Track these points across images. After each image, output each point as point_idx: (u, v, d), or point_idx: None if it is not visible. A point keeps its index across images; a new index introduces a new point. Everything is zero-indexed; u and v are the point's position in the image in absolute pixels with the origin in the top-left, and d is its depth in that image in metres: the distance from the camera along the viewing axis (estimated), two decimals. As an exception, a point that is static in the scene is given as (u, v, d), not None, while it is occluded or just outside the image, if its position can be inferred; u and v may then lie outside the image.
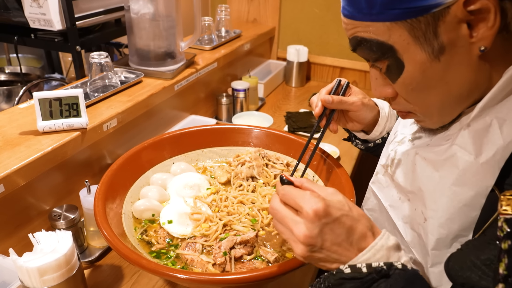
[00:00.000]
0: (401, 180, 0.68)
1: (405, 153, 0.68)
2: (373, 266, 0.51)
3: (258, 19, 2.08)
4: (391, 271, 0.51)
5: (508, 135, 0.50)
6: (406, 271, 0.52)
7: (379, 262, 0.52)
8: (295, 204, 0.54)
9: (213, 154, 1.06)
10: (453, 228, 0.56)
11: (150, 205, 0.86)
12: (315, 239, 0.52)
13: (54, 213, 0.89)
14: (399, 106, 0.62)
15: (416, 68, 0.54)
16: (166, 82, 1.26)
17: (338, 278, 0.52)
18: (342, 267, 0.52)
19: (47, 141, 0.90)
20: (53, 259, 0.68)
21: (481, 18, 0.48)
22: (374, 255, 0.52)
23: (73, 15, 1.19)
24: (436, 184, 0.59)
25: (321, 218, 0.52)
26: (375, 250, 0.53)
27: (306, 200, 0.53)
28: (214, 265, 0.73)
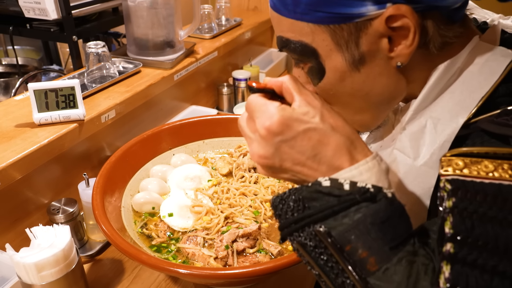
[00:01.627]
0: None
1: None
2: (358, 186, 0.43)
3: (258, 6, 2.04)
4: (378, 197, 0.43)
5: (443, 134, 0.50)
6: (395, 201, 0.44)
7: (366, 182, 0.44)
8: (252, 117, 0.48)
9: (214, 145, 1.03)
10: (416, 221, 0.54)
11: (150, 198, 0.84)
12: (271, 159, 0.47)
13: (53, 207, 0.87)
14: None
15: (336, 75, 0.53)
16: (165, 72, 1.23)
17: (313, 190, 0.44)
18: (320, 179, 0.45)
19: (44, 133, 0.87)
20: (51, 254, 0.67)
21: (402, 34, 0.48)
22: (360, 174, 0.44)
23: (68, 4, 1.16)
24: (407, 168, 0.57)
25: (275, 135, 0.45)
26: (364, 169, 0.45)
27: (261, 113, 0.46)
28: (216, 259, 0.72)
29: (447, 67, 0.51)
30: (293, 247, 0.46)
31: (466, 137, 0.49)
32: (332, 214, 0.43)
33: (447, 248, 0.40)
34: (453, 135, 0.49)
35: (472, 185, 0.42)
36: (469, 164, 0.43)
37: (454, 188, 0.42)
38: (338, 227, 0.43)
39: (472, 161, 0.43)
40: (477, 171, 0.42)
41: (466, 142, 0.48)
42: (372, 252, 0.42)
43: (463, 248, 0.39)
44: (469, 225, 0.40)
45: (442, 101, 0.52)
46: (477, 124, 0.48)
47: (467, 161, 0.43)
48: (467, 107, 0.49)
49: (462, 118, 0.49)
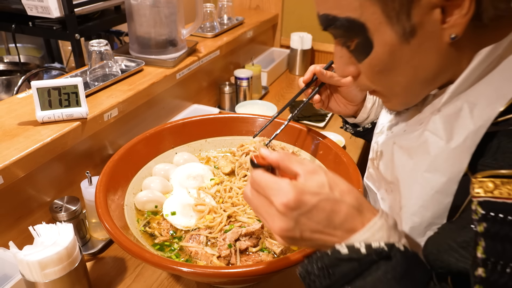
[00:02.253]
0: (384, 172, 0.67)
1: (385, 144, 0.68)
2: (373, 247, 0.47)
3: (261, 5, 2.04)
4: (392, 252, 0.47)
5: (479, 119, 0.49)
6: (408, 253, 0.48)
7: (379, 242, 0.48)
8: (265, 195, 0.50)
9: (217, 144, 1.03)
10: (426, 215, 0.55)
11: (153, 196, 0.84)
12: (292, 231, 0.48)
13: (55, 205, 0.87)
14: (361, 85, 0.61)
15: (385, 49, 0.52)
16: (167, 71, 1.23)
17: (334, 258, 0.48)
18: (338, 247, 0.48)
19: (47, 131, 0.87)
20: (54, 252, 0.67)
21: (456, 4, 0.47)
22: (373, 235, 0.48)
23: (71, 2, 1.16)
24: (410, 171, 0.58)
25: (293, 210, 0.48)
26: (374, 229, 0.49)
27: (276, 191, 0.48)
28: (219, 257, 0.72)
29: (489, 53, 0.50)
30: None
31: (493, 135, 0.49)
32: (356, 276, 0.48)
33: (479, 272, 0.42)
34: (489, 121, 0.49)
35: (504, 206, 0.43)
36: (499, 185, 0.44)
37: (486, 212, 0.43)
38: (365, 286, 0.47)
39: (503, 182, 0.44)
40: (508, 192, 0.43)
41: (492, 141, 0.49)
42: None
43: (494, 272, 0.42)
44: (500, 249, 0.42)
45: (480, 86, 0.52)
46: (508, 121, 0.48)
47: (497, 182, 0.44)
48: (504, 95, 0.49)
49: (500, 105, 0.48)
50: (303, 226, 0.49)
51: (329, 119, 1.50)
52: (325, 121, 1.47)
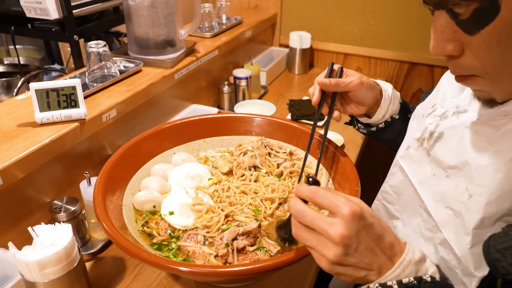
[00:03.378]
0: (441, 154, 0.64)
1: (451, 127, 0.64)
2: (404, 283, 0.51)
3: (259, 5, 2.04)
4: (421, 285, 0.51)
5: None
6: (436, 282, 0.52)
7: (409, 277, 0.52)
8: (329, 204, 0.52)
9: (215, 144, 1.04)
10: (503, 207, 0.53)
11: (151, 196, 0.85)
12: (352, 239, 0.50)
13: (55, 205, 0.88)
14: (461, 68, 0.53)
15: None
16: (166, 71, 1.23)
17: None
18: (372, 286, 0.52)
19: (45, 132, 0.88)
20: (53, 253, 0.67)
21: None
22: (403, 271, 0.52)
23: (69, 3, 1.17)
24: (490, 158, 0.55)
25: (359, 220, 0.51)
26: (404, 266, 0.52)
27: (342, 200, 0.51)
28: (216, 256, 0.72)
29: None
30: None
31: None
32: None
33: None
34: None
35: None
36: None
37: None
38: None
39: None
40: None
41: None
42: None
43: None
44: None
45: None
46: None
47: None
48: None
49: None
50: (361, 238, 0.51)
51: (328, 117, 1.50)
52: (324, 120, 1.47)
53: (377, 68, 1.97)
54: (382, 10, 1.83)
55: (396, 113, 0.88)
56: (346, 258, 0.51)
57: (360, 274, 0.53)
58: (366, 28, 1.90)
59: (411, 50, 1.86)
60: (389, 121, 0.88)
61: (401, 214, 0.74)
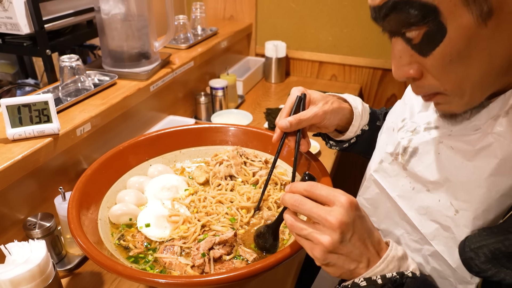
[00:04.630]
0: (419, 170, 0.65)
1: (424, 142, 0.65)
2: (388, 277, 0.54)
3: (234, 15, 2.07)
4: (404, 280, 0.54)
5: None
6: (417, 278, 0.55)
7: (392, 272, 0.55)
8: (327, 195, 0.55)
9: (191, 155, 1.05)
10: (489, 218, 0.56)
11: (127, 209, 0.84)
12: (349, 226, 0.53)
13: (29, 222, 0.87)
14: (423, 88, 0.57)
15: (461, 33, 0.48)
16: (141, 83, 1.24)
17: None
18: (357, 280, 0.55)
19: (18, 148, 0.87)
20: (26, 270, 0.66)
21: None
22: (387, 266, 0.55)
23: (41, 18, 1.16)
24: (470, 174, 0.57)
25: (355, 209, 0.54)
26: (388, 261, 0.55)
27: (340, 191, 0.55)
28: (193, 267, 0.73)
29: None
30: None
31: None
32: None
33: None
34: None
35: None
36: None
37: None
38: None
39: None
40: None
41: None
42: None
43: None
44: None
45: None
46: None
47: None
48: None
49: None
50: (356, 228, 0.54)
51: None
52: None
53: (351, 75, 2.01)
54: (354, 18, 1.88)
55: (365, 124, 0.89)
56: (340, 246, 0.54)
57: (350, 266, 0.55)
58: (340, 36, 1.94)
59: (383, 57, 1.91)
60: (360, 133, 0.89)
61: (379, 225, 0.76)
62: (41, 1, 1.16)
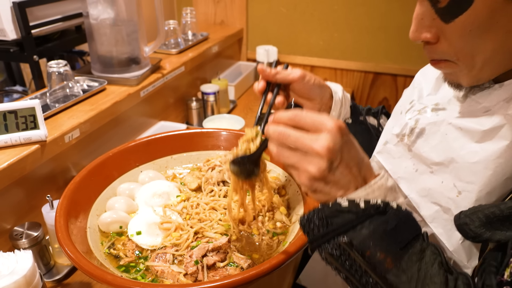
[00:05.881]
0: (424, 151, 0.65)
1: (432, 123, 0.65)
2: (371, 203, 0.51)
3: (225, 20, 2.06)
4: (387, 209, 0.52)
5: None
6: (401, 211, 0.53)
7: (376, 199, 0.52)
8: (313, 122, 0.52)
9: (183, 160, 1.03)
10: (491, 200, 0.56)
11: (117, 217, 0.82)
12: (337, 153, 0.50)
13: (15, 232, 0.84)
14: (436, 53, 0.57)
15: (486, 6, 0.49)
16: (131, 89, 1.22)
17: (334, 210, 0.52)
18: (339, 200, 0.52)
19: (3, 156, 0.85)
20: (11, 282, 0.64)
21: None
22: (373, 192, 0.52)
23: (27, 23, 1.14)
24: (478, 156, 0.57)
25: (343, 134, 0.51)
26: (374, 188, 0.53)
27: (326, 117, 0.52)
28: (186, 275, 0.71)
29: None
30: (322, 257, 0.54)
31: None
32: (352, 227, 0.51)
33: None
34: None
35: None
36: None
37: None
38: (358, 237, 0.50)
39: None
40: None
41: None
42: (388, 254, 0.50)
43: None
44: None
45: None
46: None
47: None
48: None
49: None
50: (344, 154, 0.51)
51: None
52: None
53: (343, 79, 2.01)
54: (345, 22, 1.89)
55: (348, 118, 0.88)
56: (328, 174, 0.51)
57: (337, 194, 0.53)
58: (330, 41, 1.95)
59: (374, 60, 1.92)
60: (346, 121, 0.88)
61: None
62: (27, 6, 1.14)
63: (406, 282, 0.49)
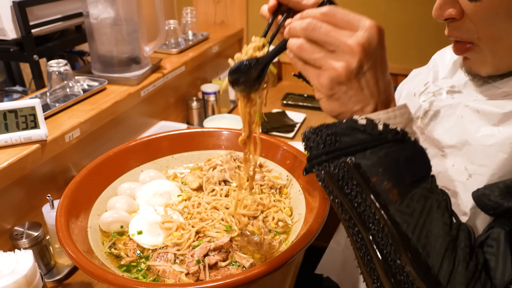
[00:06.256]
0: (437, 134, 0.63)
1: (447, 105, 0.63)
2: (390, 128, 0.46)
3: (225, 20, 2.06)
4: (405, 139, 0.47)
5: None
6: (417, 144, 0.48)
7: (397, 126, 0.46)
8: (349, 20, 0.45)
9: (184, 160, 1.02)
10: None
11: (118, 216, 0.82)
12: (370, 55, 0.44)
13: (16, 232, 0.84)
14: (459, 31, 0.54)
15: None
16: (131, 88, 1.21)
17: (347, 127, 0.46)
18: (356, 117, 0.46)
19: (3, 156, 0.84)
20: (12, 281, 0.63)
21: None
22: (394, 117, 0.47)
23: (27, 23, 1.14)
24: (494, 138, 0.55)
25: (381, 37, 0.45)
26: (397, 114, 0.47)
27: (364, 17, 0.45)
28: (187, 274, 0.70)
29: None
30: (318, 177, 0.48)
31: None
32: (363, 149, 0.46)
33: None
34: None
35: None
36: None
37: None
38: (368, 161, 0.45)
39: None
40: None
41: None
42: (395, 184, 0.45)
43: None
44: None
45: None
46: None
47: None
48: None
49: None
50: (375, 61, 0.45)
51: (297, 129, 1.51)
52: (294, 132, 1.48)
53: (343, 79, 2.01)
54: (345, 22, 1.88)
55: None
56: (354, 78, 0.45)
57: (354, 107, 0.47)
58: (331, 41, 1.94)
59: (375, 60, 1.91)
60: None
61: None
62: (28, 6, 1.13)
63: (408, 218, 0.45)
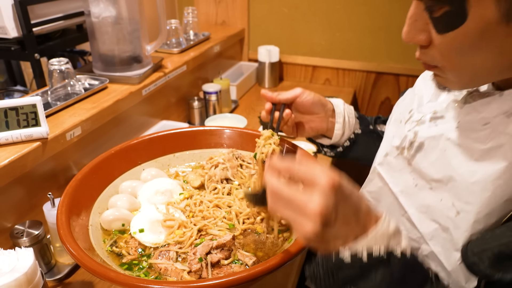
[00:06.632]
0: (424, 166, 0.63)
1: (431, 137, 0.63)
2: (374, 256, 0.50)
3: (226, 21, 2.06)
4: (391, 259, 0.50)
5: None
6: (405, 258, 0.51)
7: (379, 248, 0.50)
8: (305, 177, 0.50)
9: (185, 158, 1.02)
10: (490, 222, 0.53)
11: (120, 214, 0.81)
12: (331, 213, 0.48)
13: (16, 230, 0.83)
14: (426, 57, 0.56)
15: (479, 26, 0.47)
16: (133, 87, 1.21)
17: (337, 263, 0.51)
18: (341, 254, 0.51)
19: (4, 153, 0.84)
20: (12, 279, 0.63)
21: None
22: (375, 240, 0.51)
23: (29, 21, 1.13)
24: (476, 176, 0.54)
25: (337, 192, 0.49)
26: (377, 236, 0.51)
27: (319, 172, 0.49)
28: (189, 272, 0.69)
29: None
30: None
31: None
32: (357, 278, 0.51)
33: None
34: None
35: None
36: None
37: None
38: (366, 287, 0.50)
39: None
40: None
41: None
42: None
43: None
44: None
45: None
46: None
47: None
48: None
49: None
50: (339, 211, 0.49)
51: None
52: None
53: (345, 79, 2.01)
54: (347, 22, 1.88)
55: (357, 128, 0.90)
56: (324, 233, 0.49)
57: (337, 244, 0.52)
58: (332, 40, 1.94)
59: (376, 60, 1.91)
60: (353, 138, 0.90)
61: None
62: (29, 4, 1.13)
63: None
